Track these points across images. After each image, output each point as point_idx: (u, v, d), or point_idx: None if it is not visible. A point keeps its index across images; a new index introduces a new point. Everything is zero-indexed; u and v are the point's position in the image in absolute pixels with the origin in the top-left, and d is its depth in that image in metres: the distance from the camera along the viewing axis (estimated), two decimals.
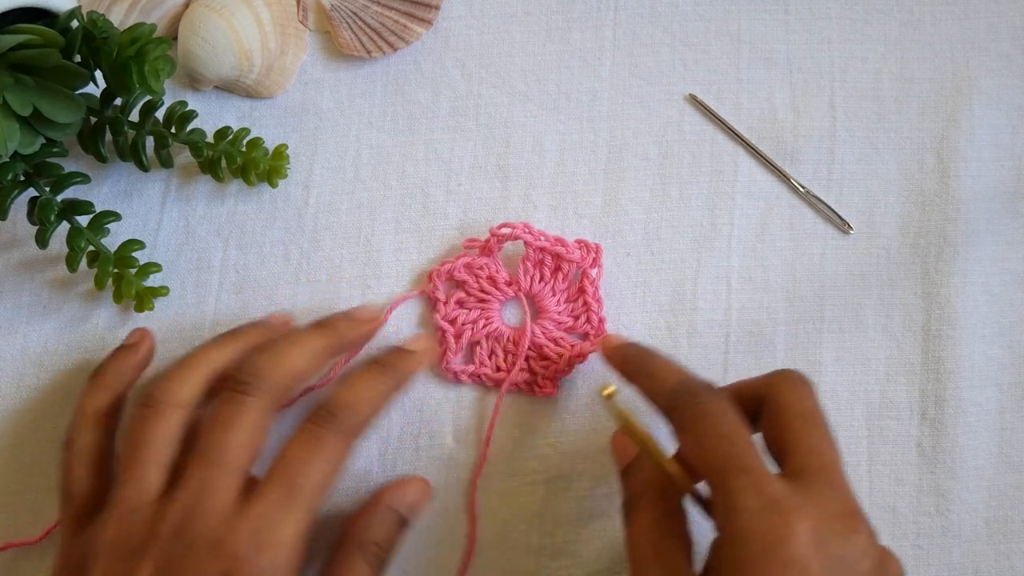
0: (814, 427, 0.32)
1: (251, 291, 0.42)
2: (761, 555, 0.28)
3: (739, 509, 0.29)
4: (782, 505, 0.29)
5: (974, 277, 0.42)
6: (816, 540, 0.29)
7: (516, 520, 0.40)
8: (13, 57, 0.36)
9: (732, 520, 0.29)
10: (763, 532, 0.29)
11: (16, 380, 0.41)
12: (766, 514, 0.29)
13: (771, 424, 0.33)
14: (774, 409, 0.33)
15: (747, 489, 0.29)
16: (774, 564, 0.28)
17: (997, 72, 0.44)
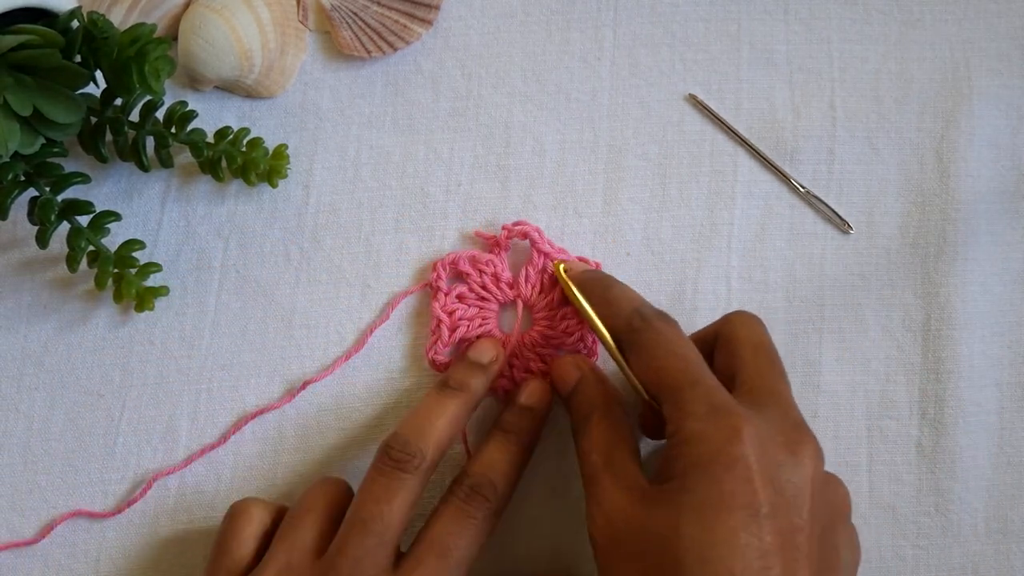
0: (764, 356, 0.34)
1: (251, 291, 0.42)
2: (708, 456, 0.30)
3: (688, 414, 0.31)
4: (730, 410, 0.31)
5: (974, 277, 0.42)
6: (760, 443, 0.30)
7: (516, 520, 0.40)
8: (13, 57, 0.36)
9: (681, 426, 0.31)
10: (710, 434, 0.30)
11: (16, 380, 0.41)
12: (714, 418, 0.31)
13: (723, 354, 0.35)
14: (726, 340, 0.35)
15: (697, 398, 0.31)
16: (719, 464, 0.30)
17: (997, 72, 0.44)
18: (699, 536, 0.29)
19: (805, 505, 0.31)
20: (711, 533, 0.29)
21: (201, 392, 0.41)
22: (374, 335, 0.41)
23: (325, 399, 0.41)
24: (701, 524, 0.29)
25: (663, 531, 0.29)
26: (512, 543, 0.40)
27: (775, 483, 0.30)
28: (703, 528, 0.29)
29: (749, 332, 0.35)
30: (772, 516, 0.29)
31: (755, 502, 0.29)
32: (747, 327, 0.35)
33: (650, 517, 0.30)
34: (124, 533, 0.40)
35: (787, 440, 0.32)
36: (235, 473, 0.40)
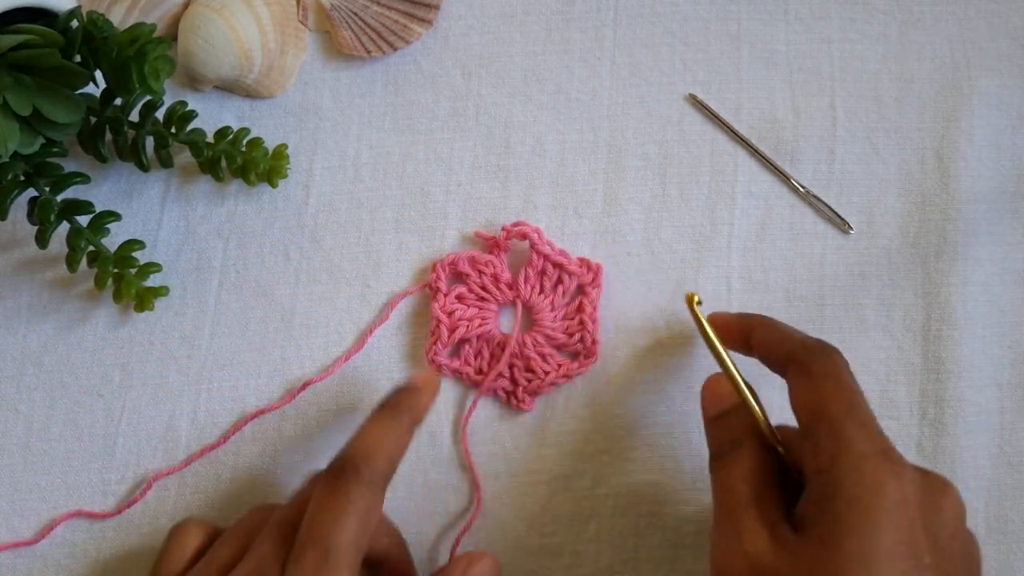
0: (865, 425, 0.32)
1: (251, 291, 0.42)
2: (864, 500, 0.28)
3: (852, 452, 0.29)
4: (892, 454, 0.29)
5: (974, 277, 0.42)
6: (920, 489, 0.29)
7: (516, 520, 0.40)
8: (13, 57, 0.35)
9: (841, 462, 0.29)
10: (874, 473, 0.29)
11: (16, 380, 0.41)
12: (878, 458, 0.29)
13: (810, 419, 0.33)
14: (815, 407, 0.32)
15: (863, 438, 0.29)
16: (883, 507, 0.28)
17: (997, 72, 0.44)
18: None
19: (955, 555, 0.29)
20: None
21: (201, 392, 0.41)
22: (374, 335, 0.41)
23: (325, 399, 0.41)
24: (866, 573, 0.27)
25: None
26: (514, 537, 0.40)
27: (931, 531, 0.29)
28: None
29: (840, 398, 0.32)
30: (931, 567, 0.28)
31: (918, 553, 0.28)
32: (839, 391, 0.32)
33: (804, 564, 0.28)
34: (124, 533, 0.40)
35: (931, 486, 0.30)
36: (235, 473, 0.40)
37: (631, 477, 0.40)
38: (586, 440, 0.40)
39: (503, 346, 0.40)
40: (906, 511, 0.28)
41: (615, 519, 0.40)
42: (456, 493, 0.40)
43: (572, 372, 0.40)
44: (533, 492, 0.40)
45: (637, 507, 0.40)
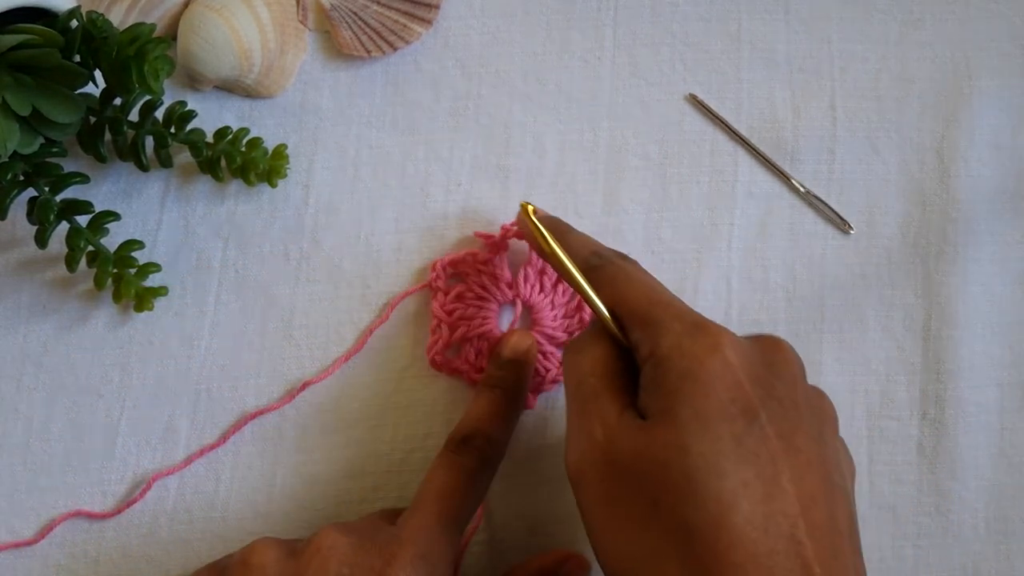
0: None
1: (251, 291, 0.42)
2: (694, 368, 0.29)
3: (664, 332, 0.30)
4: (705, 324, 0.30)
5: (974, 277, 0.42)
6: (741, 350, 0.30)
7: (516, 520, 0.40)
8: (13, 57, 0.35)
9: (659, 344, 0.30)
10: (691, 347, 0.30)
11: (16, 380, 0.41)
12: (691, 333, 0.30)
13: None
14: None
15: (672, 317, 0.31)
16: (707, 373, 0.29)
17: (997, 72, 0.44)
18: (708, 449, 0.28)
19: (796, 406, 0.30)
20: (719, 444, 0.28)
21: (201, 392, 0.41)
22: (374, 335, 0.41)
23: (325, 399, 0.41)
24: (707, 437, 0.28)
25: (667, 452, 0.28)
26: (514, 537, 0.40)
27: (764, 386, 0.29)
28: (710, 440, 0.28)
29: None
30: (771, 420, 0.29)
31: (752, 407, 0.29)
32: (631, 286, 0.34)
33: (651, 440, 0.29)
34: (124, 533, 0.40)
35: (761, 346, 0.31)
36: (235, 473, 0.40)
37: None
38: None
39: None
40: (732, 372, 0.29)
41: None
42: None
43: None
44: (533, 492, 0.40)
45: None
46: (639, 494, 0.29)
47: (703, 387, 0.29)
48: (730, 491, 0.27)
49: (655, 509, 0.28)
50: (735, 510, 0.27)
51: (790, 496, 0.28)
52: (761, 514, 0.27)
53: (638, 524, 0.29)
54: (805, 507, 0.28)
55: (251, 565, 0.32)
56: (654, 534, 0.28)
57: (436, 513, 0.33)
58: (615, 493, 0.30)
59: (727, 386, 0.29)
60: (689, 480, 0.28)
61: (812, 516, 0.28)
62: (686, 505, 0.28)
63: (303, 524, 0.40)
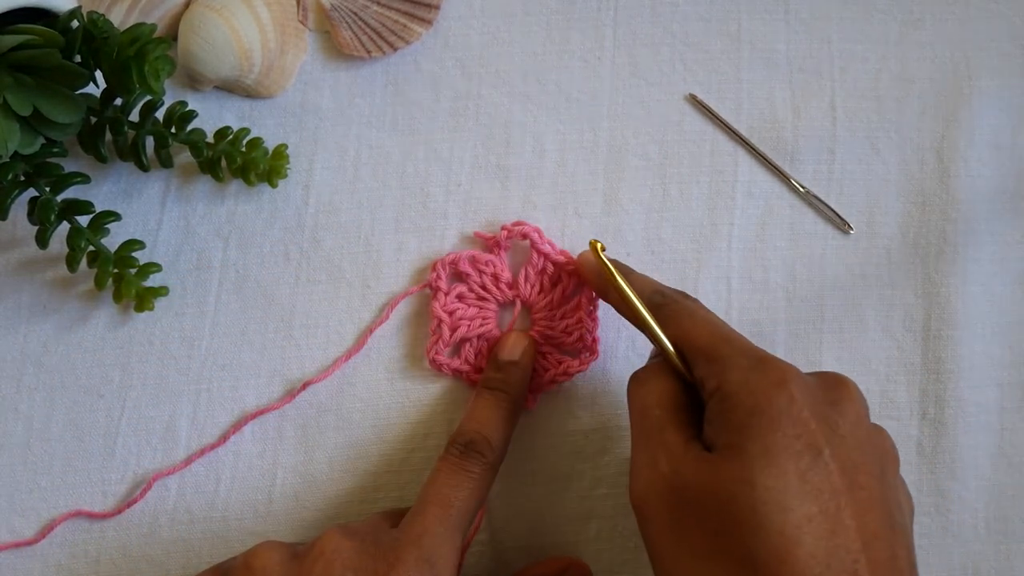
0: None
1: (251, 291, 0.42)
2: (760, 404, 0.30)
3: (729, 368, 0.31)
4: (771, 359, 0.31)
5: (974, 277, 0.42)
6: (806, 387, 0.30)
7: (516, 520, 0.40)
8: (13, 57, 0.35)
9: (725, 380, 0.31)
10: (757, 383, 0.30)
11: (16, 380, 0.41)
12: (757, 368, 0.30)
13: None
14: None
15: (736, 353, 0.31)
16: (773, 409, 0.29)
17: (997, 72, 0.44)
18: (774, 484, 0.28)
19: (859, 444, 0.30)
20: (784, 479, 0.28)
21: (201, 392, 0.41)
22: (374, 335, 0.41)
23: (325, 399, 0.41)
24: (773, 472, 0.28)
25: (734, 486, 0.29)
26: (514, 537, 0.40)
27: (828, 423, 0.30)
28: (776, 475, 0.28)
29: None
30: (834, 457, 0.29)
31: (816, 443, 0.29)
32: (695, 323, 0.34)
33: (718, 473, 0.29)
34: (124, 533, 0.40)
35: (826, 383, 0.32)
36: (235, 473, 0.40)
37: None
38: (586, 440, 0.40)
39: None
40: (797, 408, 0.29)
41: (615, 519, 0.40)
42: None
43: (573, 370, 0.40)
44: (533, 492, 0.40)
45: None
46: (705, 524, 0.29)
47: (769, 422, 0.29)
48: (794, 526, 0.28)
49: (721, 540, 0.29)
50: (799, 544, 0.28)
51: (852, 532, 0.28)
52: (824, 549, 0.28)
53: (704, 554, 0.29)
54: (867, 544, 0.28)
55: (254, 568, 0.32)
56: (718, 565, 0.29)
57: (439, 517, 0.34)
58: (681, 522, 0.30)
59: (792, 422, 0.29)
60: (755, 513, 0.28)
61: (873, 553, 0.28)
62: (752, 538, 0.28)
63: (303, 524, 0.40)
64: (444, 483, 0.35)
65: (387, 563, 0.32)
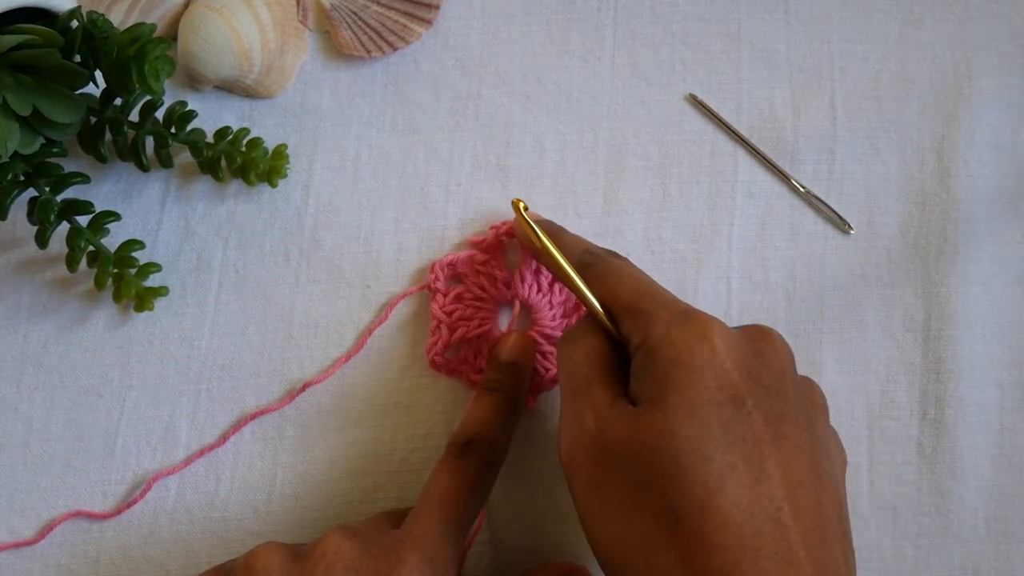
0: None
1: (251, 291, 0.42)
2: (683, 357, 0.30)
3: (652, 322, 0.31)
4: (693, 313, 0.31)
5: (974, 277, 0.42)
6: (729, 339, 0.30)
7: (516, 520, 0.40)
8: (13, 57, 0.35)
9: (649, 334, 0.31)
10: (679, 336, 0.30)
11: (16, 380, 0.41)
12: (679, 321, 0.31)
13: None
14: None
15: (659, 307, 0.31)
16: (695, 361, 0.30)
17: (997, 72, 0.44)
18: (695, 435, 0.28)
19: (786, 395, 0.30)
20: (706, 429, 0.28)
21: (201, 392, 0.41)
22: (374, 335, 0.41)
23: (325, 400, 0.41)
24: (694, 423, 0.29)
25: (655, 438, 0.29)
26: (514, 537, 0.40)
27: (751, 374, 0.30)
28: (697, 426, 0.28)
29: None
30: (758, 407, 0.29)
31: (739, 394, 0.29)
32: (621, 280, 0.34)
33: (640, 427, 0.29)
34: (124, 533, 0.40)
35: (750, 336, 0.32)
36: (235, 473, 0.40)
37: None
38: None
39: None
40: (719, 360, 0.30)
41: None
42: None
43: None
44: (533, 492, 0.40)
45: None
46: (629, 479, 0.29)
47: (691, 374, 0.29)
48: (716, 475, 0.28)
49: (644, 494, 0.29)
50: (721, 493, 0.28)
51: (776, 480, 0.28)
52: (747, 497, 0.28)
53: (628, 509, 0.29)
54: (791, 492, 0.28)
55: (255, 569, 0.32)
56: (643, 518, 0.29)
57: (440, 518, 0.34)
58: (606, 478, 0.30)
59: (715, 373, 0.29)
60: (676, 464, 0.28)
61: (798, 500, 0.28)
62: (674, 489, 0.28)
63: (303, 524, 0.40)
64: (445, 484, 0.35)
65: (389, 564, 0.32)
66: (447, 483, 0.35)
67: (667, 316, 0.31)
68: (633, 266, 0.35)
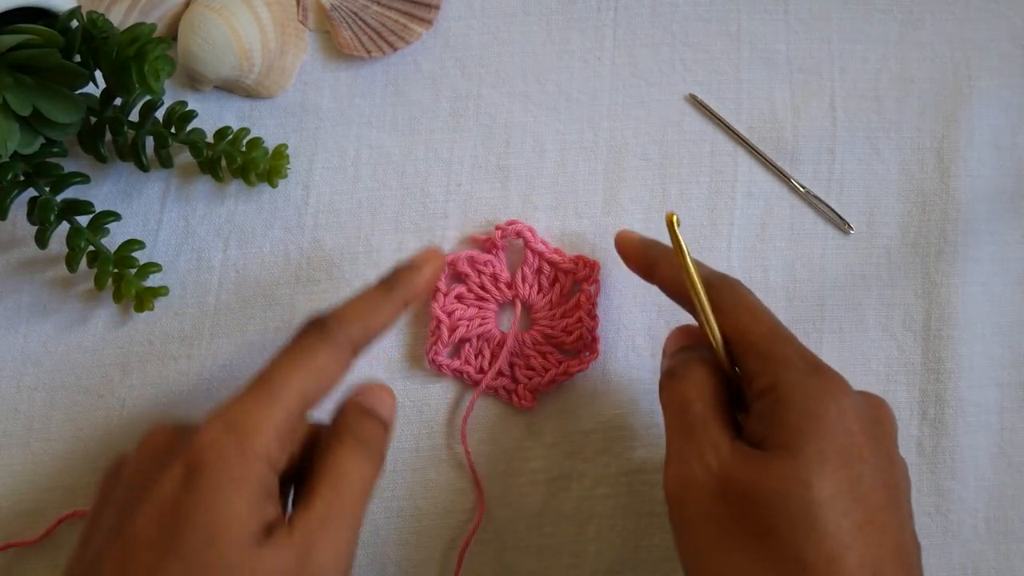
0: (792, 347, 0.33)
1: (251, 291, 0.42)
2: (818, 410, 0.30)
3: (787, 368, 0.31)
4: (827, 369, 0.31)
5: (974, 277, 0.42)
6: (857, 401, 0.31)
7: (516, 520, 0.40)
8: (13, 57, 0.35)
9: (780, 379, 0.30)
10: (815, 389, 0.30)
11: (16, 380, 0.41)
12: (816, 374, 0.31)
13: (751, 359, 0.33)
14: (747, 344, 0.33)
15: (793, 354, 0.31)
16: (831, 418, 0.30)
17: (997, 72, 0.44)
18: (829, 487, 0.28)
19: (895, 465, 0.31)
20: (838, 484, 0.29)
21: (201, 392, 0.41)
22: None
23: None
24: (828, 475, 0.29)
25: (788, 485, 0.29)
26: (514, 537, 0.40)
27: (873, 438, 0.30)
28: (832, 479, 0.29)
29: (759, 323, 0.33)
30: (879, 472, 0.30)
31: (863, 455, 0.30)
32: (755, 318, 0.33)
33: (770, 472, 0.29)
34: None
35: (869, 402, 0.32)
36: None
37: (631, 477, 0.40)
38: (586, 440, 0.40)
39: (503, 345, 0.40)
40: (849, 421, 0.30)
41: (615, 519, 0.40)
42: (457, 493, 0.40)
43: (572, 369, 0.40)
44: (533, 492, 0.40)
45: (637, 507, 0.40)
46: (751, 522, 0.29)
47: (825, 428, 0.29)
48: (847, 530, 0.28)
49: (767, 538, 0.29)
50: (850, 549, 0.28)
51: (891, 548, 0.29)
52: (872, 558, 0.28)
53: (745, 550, 0.29)
54: (902, 564, 0.29)
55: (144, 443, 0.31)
56: (762, 562, 0.29)
57: (251, 389, 0.31)
58: (725, 517, 0.30)
59: (844, 431, 0.30)
60: (809, 514, 0.28)
61: (905, 573, 0.29)
62: (805, 538, 0.28)
63: None
64: (275, 363, 0.31)
65: (190, 434, 0.29)
66: (272, 361, 0.32)
67: (803, 366, 0.31)
68: (758, 299, 0.34)
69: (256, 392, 0.30)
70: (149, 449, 0.30)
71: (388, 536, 0.40)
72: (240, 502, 0.28)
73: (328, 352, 0.32)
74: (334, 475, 0.31)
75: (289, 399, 0.31)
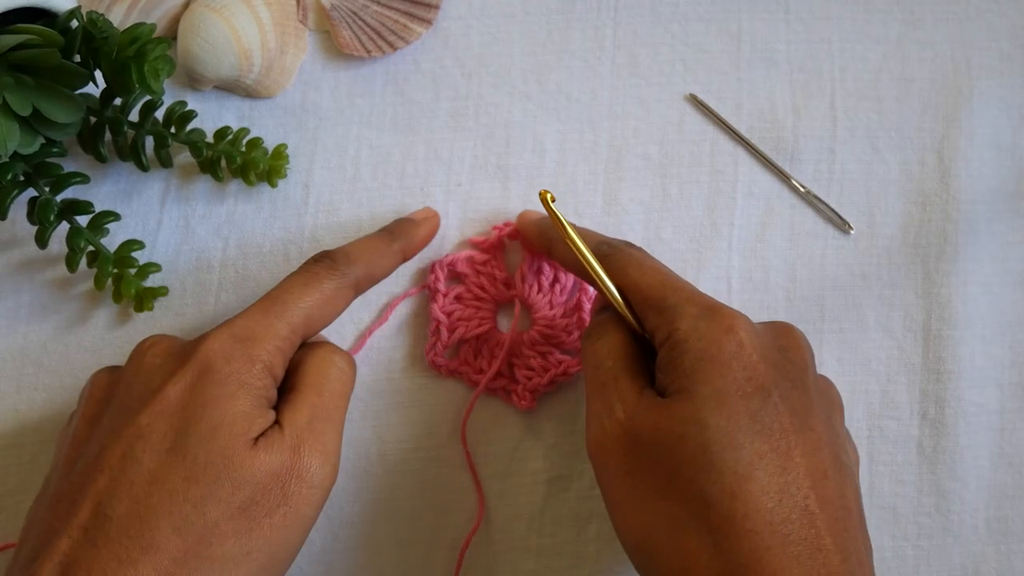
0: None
1: (251, 291, 0.42)
2: (711, 350, 0.30)
3: (679, 316, 0.32)
4: (719, 307, 0.32)
5: (974, 277, 0.42)
6: (754, 333, 0.31)
7: (516, 520, 0.40)
8: (13, 57, 0.35)
9: (676, 328, 0.31)
10: (706, 330, 0.31)
11: (16, 380, 0.41)
12: (706, 316, 0.31)
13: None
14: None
15: (685, 301, 0.32)
16: (723, 354, 0.30)
17: (997, 72, 0.44)
18: (724, 424, 0.29)
19: (808, 389, 0.31)
20: (735, 419, 0.29)
21: None
22: (373, 336, 0.41)
23: None
24: (723, 412, 0.29)
25: (685, 427, 0.30)
26: (514, 537, 0.40)
27: (777, 367, 0.31)
28: (726, 416, 0.29)
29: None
30: (783, 399, 0.30)
31: (765, 386, 0.30)
32: (643, 272, 0.34)
33: (669, 417, 0.30)
34: None
35: (774, 331, 0.33)
36: None
37: None
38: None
39: (502, 345, 0.40)
40: (746, 353, 0.30)
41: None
42: (456, 493, 0.40)
43: (573, 370, 0.40)
44: (533, 492, 0.40)
45: None
46: (659, 467, 0.30)
47: (719, 367, 0.30)
48: (746, 462, 0.29)
49: (674, 480, 0.29)
50: (751, 480, 0.28)
51: (802, 470, 0.29)
52: (775, 485, 0.29)
53: (657, 494, 0.30)
54: (816, 481, 0.29)
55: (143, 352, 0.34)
56: (673, 504, 0.29)
57: (261, 306, 0.33)
58: (635, 466, 0.31)
59: (742, 366, 0.30)
60: (706, 452, 0.29)
61: (823, 490, 0.29)
62: (704, 476, 0.29)
63: None
64: (280, 286, 0.34)
65: (195, 342, 0.32)
66: (282, 285, 0.34)
67: (694, 311, 0.32)
68: (651, 257, 0.35)
69: (264, 308, 0.33)
70: (151, 355, 0.33)
71: (388, 536, 0.40)
72: (245, 404, 0.31)
73: (334, 283, 0.35)
74: (317, 381, 0.33)
75: (294, 318, 0.33)
